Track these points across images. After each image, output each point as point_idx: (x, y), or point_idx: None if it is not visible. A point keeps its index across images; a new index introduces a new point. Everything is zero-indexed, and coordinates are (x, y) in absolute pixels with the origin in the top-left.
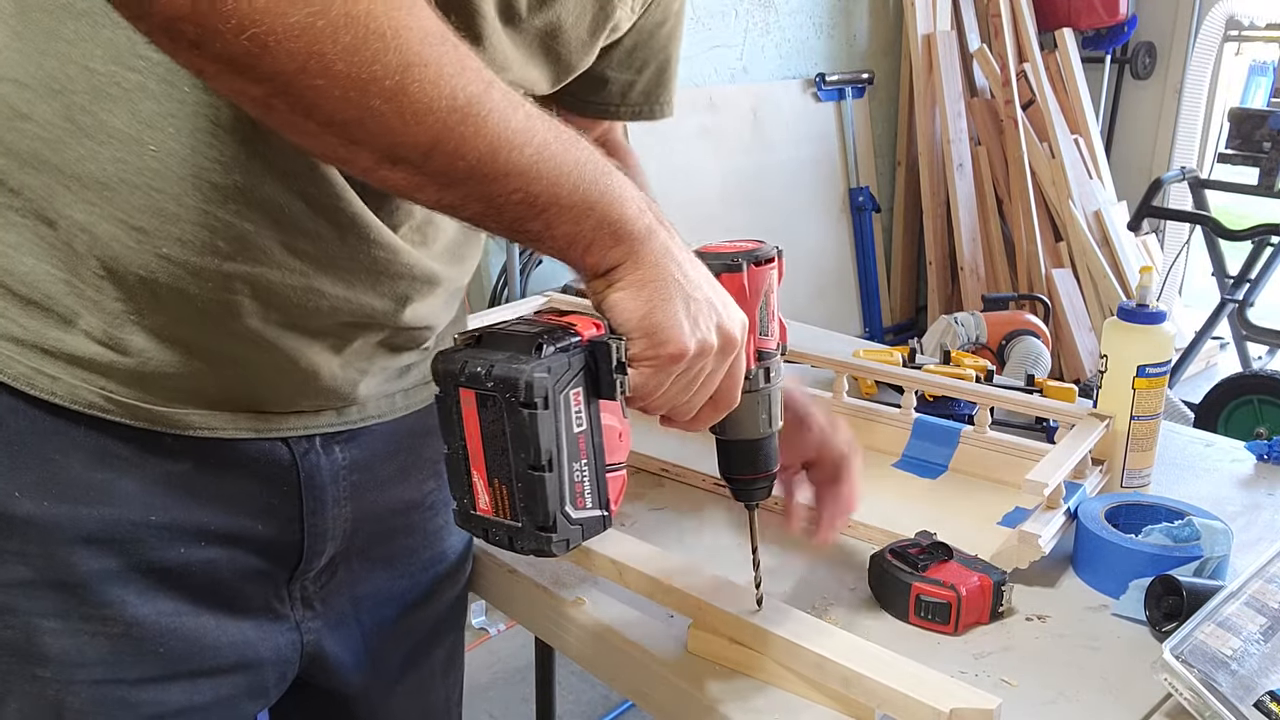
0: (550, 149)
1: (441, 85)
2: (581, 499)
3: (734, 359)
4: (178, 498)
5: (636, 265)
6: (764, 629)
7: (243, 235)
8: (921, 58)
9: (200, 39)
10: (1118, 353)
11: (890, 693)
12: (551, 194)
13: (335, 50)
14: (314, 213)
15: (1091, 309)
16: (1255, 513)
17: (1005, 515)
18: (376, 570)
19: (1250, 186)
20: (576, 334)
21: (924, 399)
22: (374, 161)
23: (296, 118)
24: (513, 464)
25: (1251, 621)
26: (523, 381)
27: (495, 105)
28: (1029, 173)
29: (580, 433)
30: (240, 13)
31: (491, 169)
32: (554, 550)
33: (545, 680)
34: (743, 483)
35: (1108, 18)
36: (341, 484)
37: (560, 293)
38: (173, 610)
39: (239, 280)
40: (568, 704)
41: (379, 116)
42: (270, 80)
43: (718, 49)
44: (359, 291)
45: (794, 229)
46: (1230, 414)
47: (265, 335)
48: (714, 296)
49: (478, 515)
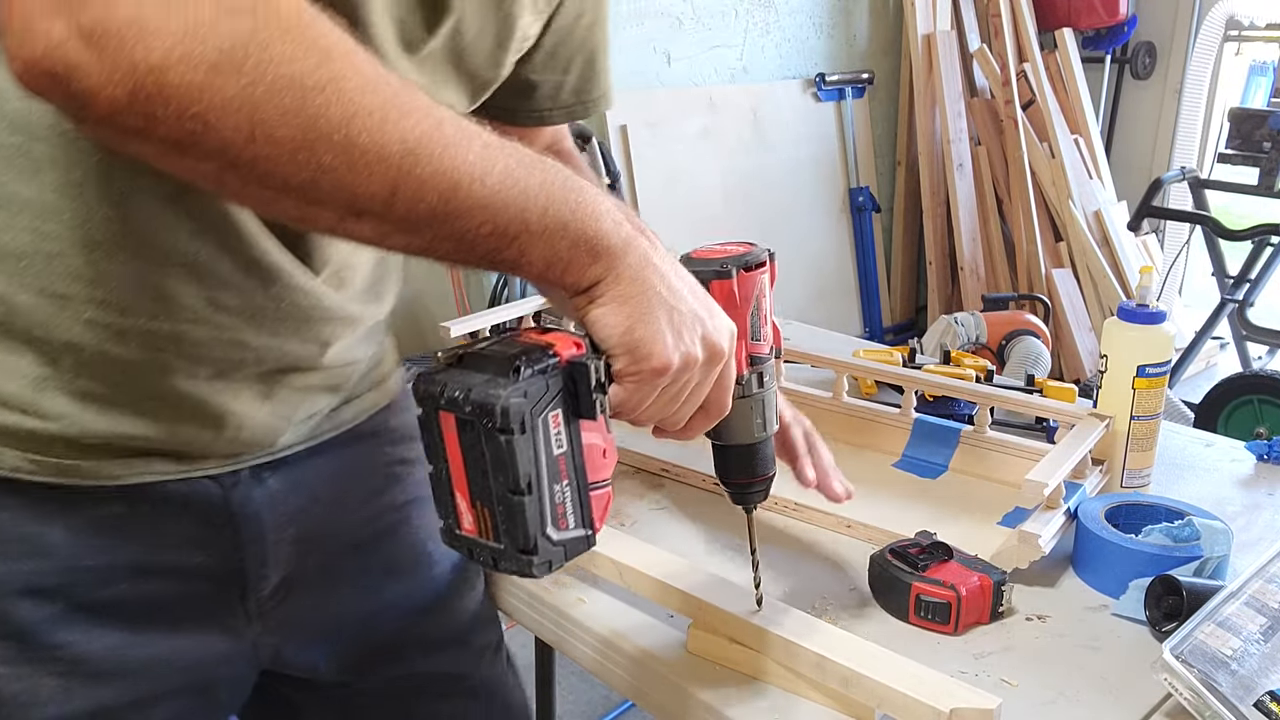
0: (513, 175)
1: (389, 130)
2: (564, 520)
3: (722, 368)
4: (109, 540)
5: (617, 280)
6: (764, 629)
7: (166, 293)
8: (921, 58)
9: (143, 128)
10: (1118, 353)
11: (890, 693)
12: (521, 221)
13: (277, 115)
14: (236, 265)
15: (1091, 309)
16: (1255, 513)
17: (1005, 515)
18: (345, 583)
19: (1250, 186)
20: (555, 354)
21: (924, 399)
22: (337, 218)
23: (251, 187)
24: (493, 487)
25: (1251, 621)
26: (498, 408)
27: (449, 141)
28: (1029, 173)
29: (561, 454)
30: (178, 95)
31: (455, 206)
32: (535, 573)
33: (545, 680)
34: (739, 486)
35: (1108, 18)
36: (279, 510)
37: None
38: (120, 643)
39: (164, 338)
40: (568, 704)
41: (332, 173)
42: (219, 155)
43: (718, 49)
44: (283, 339)
45: (794, 229)
46: (1230, 414)
47: (192, 390)
48: (699, 307)
49: (463, 535)
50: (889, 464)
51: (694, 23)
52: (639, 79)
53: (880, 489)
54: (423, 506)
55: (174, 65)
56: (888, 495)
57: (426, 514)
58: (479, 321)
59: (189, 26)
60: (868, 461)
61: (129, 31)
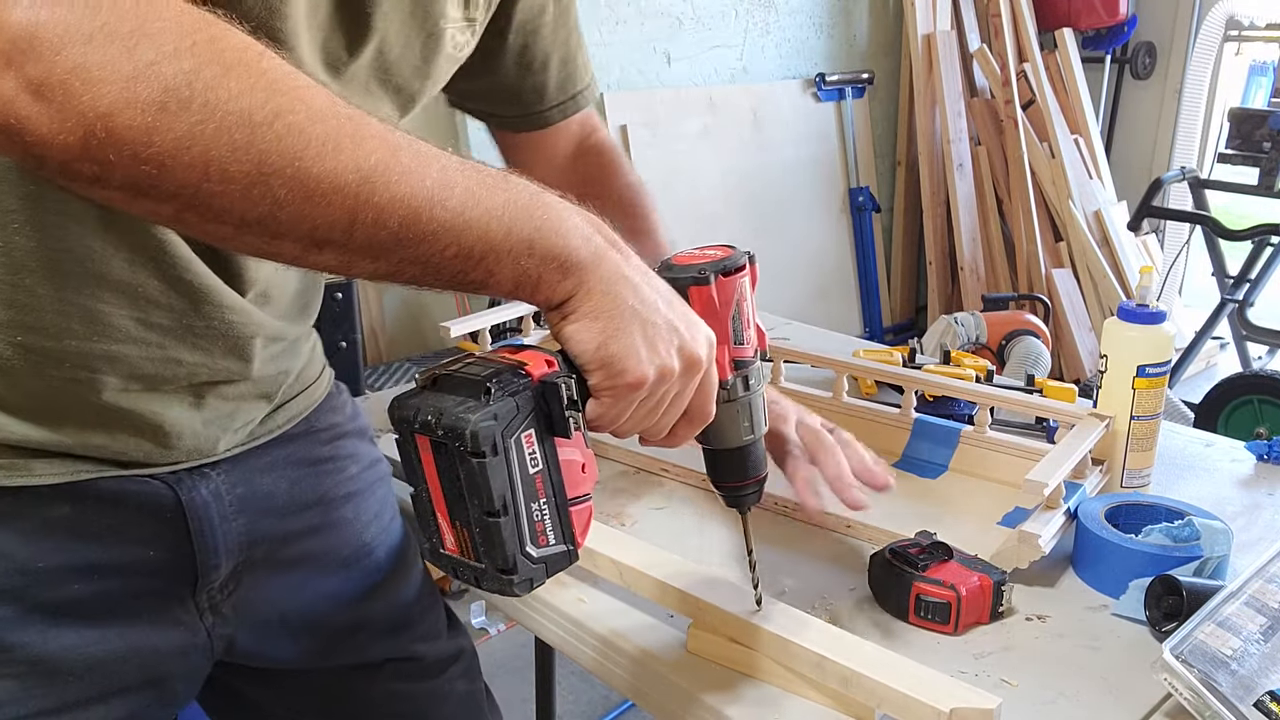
0: (474, 195)
1: (342, 159)
2: (544, 537)
3: (702, 376)
4: (60, 541)
5: (588, 295)
6: (764, 629)
7: (98, 316)
8: (921, 58)
9: (99, 174)
10: (1118, 353)
11: (890, 692)
12: (485, 242)
13: (228, 151)
14: (166, 286)
15: (1091, 309)
16: (1255, 513)
17: (1005, 515)
18: (290, 572)
19: (1250, 186)
20: (526, 374)
21: (924, 399)
22: (300, 249)
23: (211, 225)
24: (469, 509)
25: (1251, 621)
26: (468, 431)
27: (405, 167)
28: (1029, 173)
29: (536, 473)
30: (129, 139)
31: (417, 231)
32: (516, 591)
33: (545, 680)
34: (731, 489)
35: (1108, 18)
36: (225, 501)
37: None
38: (77, 641)
39: (96, 359)
40: (568, 704)
41: (288, 205)
42: (175, 196)
43: (718, 49)
44: (214, 356)
45: (794, 229)
46: (1230, 414)
47: (126, 404)
48: (674, 317)
49: (446, 555)
50: (889, 464)
51: (694, 23)
52: (639, 79)
53: None
54: (358, 500)
55: (122, 110)
56: (888, 495)
57: (361, 506)
58: (479, 321)
59: (134, 71)
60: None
61: (74, 81)
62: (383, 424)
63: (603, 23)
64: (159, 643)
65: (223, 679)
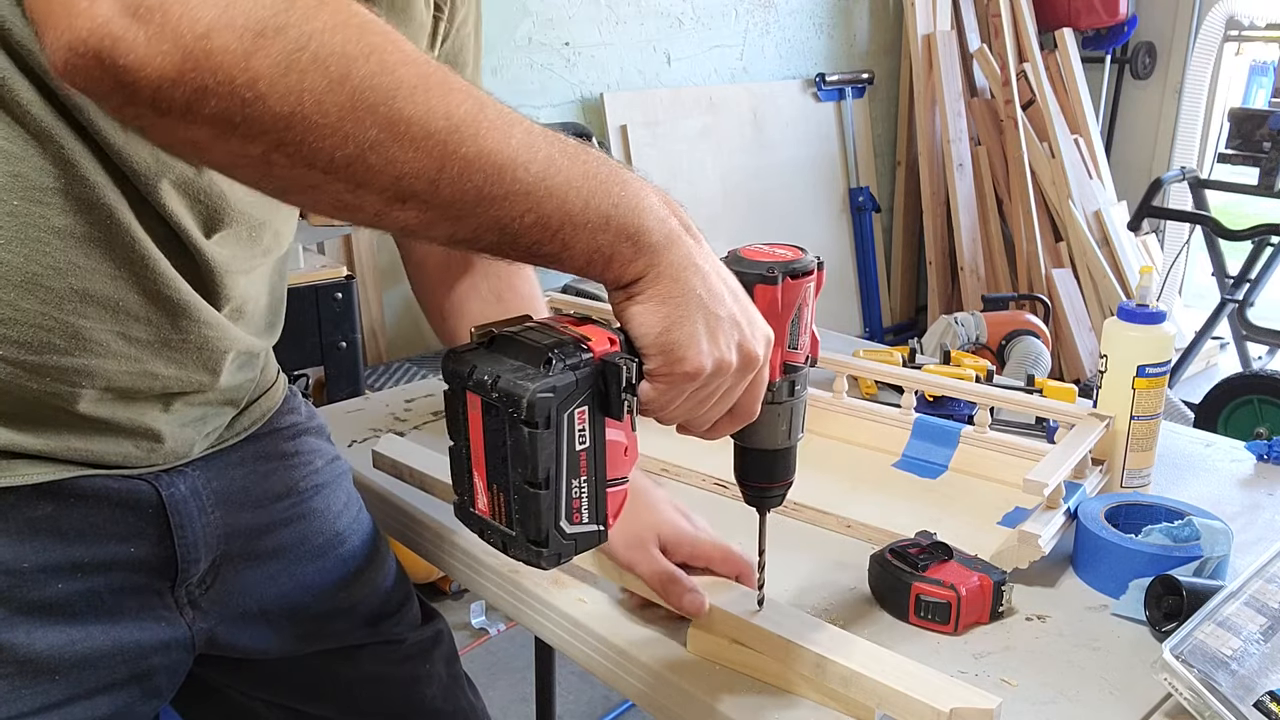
0: (555, 162)
1: (435, 104)
2: (579, 514)
3: (755, 375)
4: (45, 541)
5: (658, 278)
6: (764, 629)
7: (79, 331)
8: (921, 58)
9: (191, 103)
10: (1118, 353)
11: (890, 692)
12: (563, 212)
13: (324, 83)
14: (147, 301)
15: (1091, 309)
16: (1255, 513)
17: (1005, 515)
18: (267, 563)
19: (1250, 186)
20: (589, 349)
21: (924, 399)
22: (383, 202)
23: (298, 170)
24: (510, 475)
25: (1251, 621)
26: (525, 400)
27: (491, 122)
28: (1029, 173)
29: (582, 450)
30: (226, 63)
31: (499, 190)
32: (544, 564)
33: (545, 680)
34: (757, 489)
35: (1108, 18)
36: (203, 496)
37: (560, 293)
38: (64, 640)
39: (75, 372)
40: (568, 704)
41: (379, 147)
42: (267, 132)
43: (718, 49)
44: (188, 369)
45: (794, 229)
46: (1230, 414)
47: (100, 413)
48: (738, 311)
49: (475, 514)
50: (889, 464)
51: (694, 23)
52: (639, 79)
53: (880, 489)
54: (325, 491)
55: (220, 31)
56: (888, 495)
57: (330, 497)
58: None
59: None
60: (868, 461)
61: (172, 2)
62: (381, 424)
63: (603, 23)
64: (142, 638)
65: (195, 672)
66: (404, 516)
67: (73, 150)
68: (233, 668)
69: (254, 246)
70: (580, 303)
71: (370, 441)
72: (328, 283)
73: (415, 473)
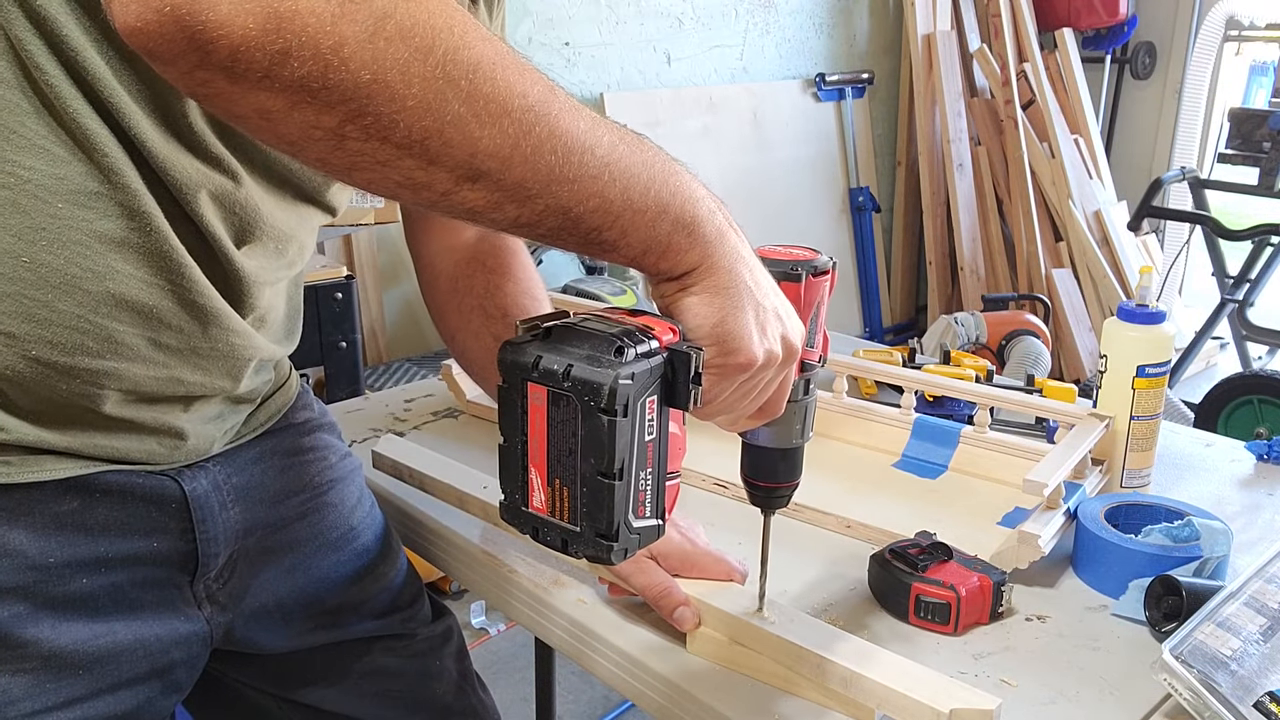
0: (618, 149)
1: (513, 83)
2: (643, 508)
3: (789, 370)
4: (71, 536)
5: (711, 270)
6: (764, 629)
7: (112, 335)
8: (921, 58)
9: (271, 67)
10: (1118, 353)
11: (890, 693)
12: (625, 198)
13: (409, 53)
14: (180, 309)
15: (1091, 309)
16: (1255, 513)
17: (1005, 515)
18: (283, 557)
19: (1250, 186)
20: (655, 339)
21: (924, 399)
22: (453, 181)
23: (371, 143)
24: (579, 468)
25: (1251, 622)
26: (607, 388)
27: (563, 104)
28: (1029, 173)
29: (650, 441)
30: (313, 25)
31: (567, 173)
32: (612, 559)
33: (545, 680)
34: (765, 490)
35: (1108, 18)
36: (224, 490)
37: (560, 293)
38: (87, 635)
39: (104, 375)
40: (568, 704)
41: (458, 123)
42: (347, 100)
43: (718, 49)
44: (214, 376)
45: (794, 229)
46: (1230, 414)
47: (124, 414)
48: (780, 305)
49: (529, 512)
50: (889, 464)
51: (694, 23)
52: (639, 79)
53: (880, 489)
54: (340, 486)
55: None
56: (888, 495)
57: (344, 492)
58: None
59: None
60: (868, 461)
61: None
62: (380, 425)
63: (603, 23)
64: (163, 633)
65: (205, 667)
66: (404, 516)
67: (116, 159)
68: (243, 662)
69: (279, 259)
70: (581, 303)
71: (370, 441)
72: (328, 283)
73: (415, 473)
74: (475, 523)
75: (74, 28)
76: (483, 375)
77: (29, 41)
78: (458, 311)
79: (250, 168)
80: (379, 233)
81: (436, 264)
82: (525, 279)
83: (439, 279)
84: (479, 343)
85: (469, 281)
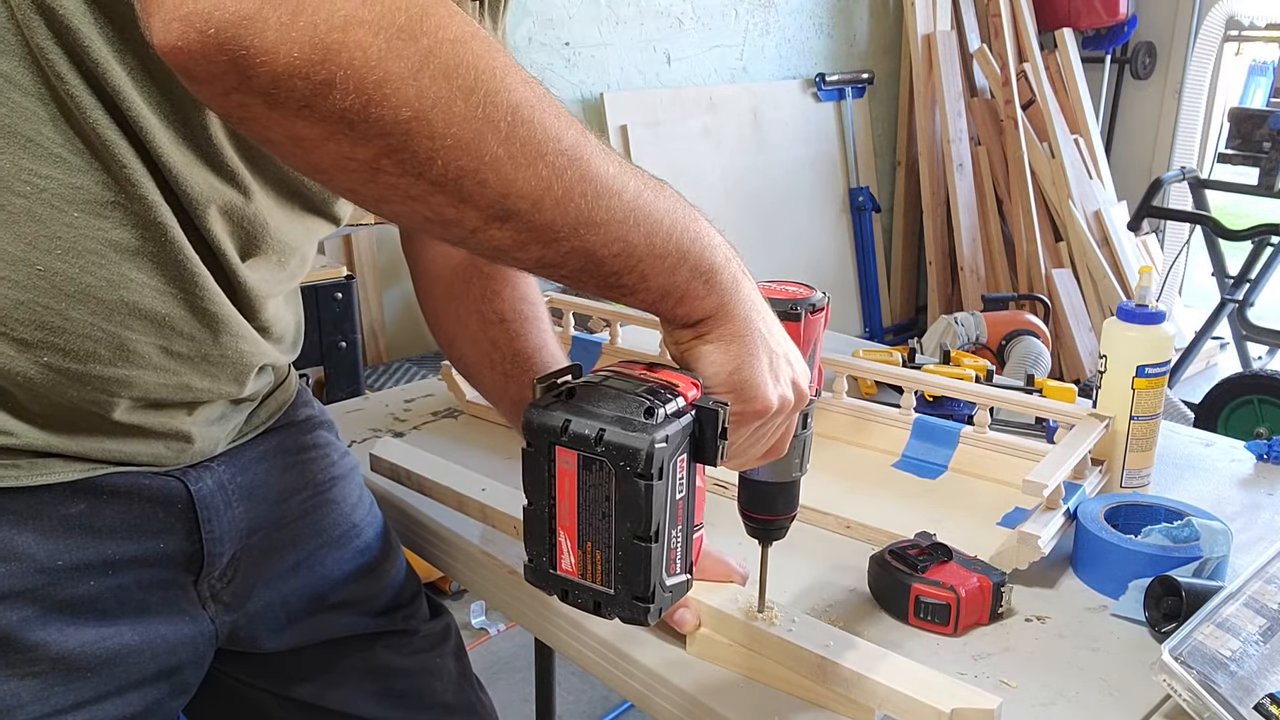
0: (643, 196)
1: (549, 128)
2: (674, 565)
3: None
4: (78, 538)
5: (727, 318)
6: (764, 630)
7: (124, 343)
8: (921, 58)
9: (311, 96)
10: (1117, 353)
11: (890, 693)
12: (648, 244)
13: (452, 93)
14: (192, 316)
15: (1091, 309)
16: (1255, 513)
17: (1005, 515)
18: (286, 555)
19: (1250, 186)
20: (679, 394)
21: (924, 399)
22: (482, 220)
23: (405, 179)
24: (614, 531)
25: (1251, 622)
26: (644, 453)
27: (594, 149)
28: (1029, 173)
29: (680, 499)
30: (359, 59)
31: (595, 217)
32: (648, 620)
33: (545, 680)
34: (764, 522)
35: (1108, 18)
36: (229, 489)
37: (560, 294)
38: (95, 637)
39: (115, 383)
40: (568, 704)
41: (495, 164)
42: (386, 135)
43: (718, 49)
44: (221, 382)
45: (794, 229)
46: (1230, 414)
47: (132, 420)
48: (789, 351)
49: (558, 575)
50: (889, 464)
51: (694, 23)
52: (639, 79)
53: (880, 489)
54: (342, 483)
55: (355, 26)
56: (888, 495)
57: (346, 489)
58: None
59: None
60: (868, 461)
61: None
62: (380, 425)
63: (603, 23)
64: (169, 634)
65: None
66: (403, 516)
67: (134, 169)
68: (243, 661)
69: (281, 271)
70: (582, 303)
71: (370, 441)
72: (328, 283)
73: (413, 476)
74: (475, 523)
75: (96, 38)
76: (480, 380)
77: (50, 50)
78: (455, 317)
79: (263, 180)
80: (379, 233)
81: (433, 270)
82: (522, 284)
83: (435, 285)
84: (476, 348)
85: (465, 287)
